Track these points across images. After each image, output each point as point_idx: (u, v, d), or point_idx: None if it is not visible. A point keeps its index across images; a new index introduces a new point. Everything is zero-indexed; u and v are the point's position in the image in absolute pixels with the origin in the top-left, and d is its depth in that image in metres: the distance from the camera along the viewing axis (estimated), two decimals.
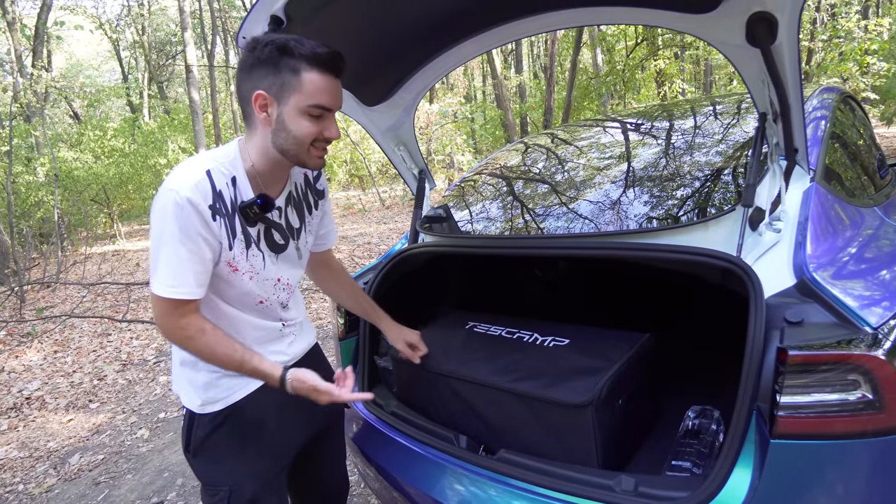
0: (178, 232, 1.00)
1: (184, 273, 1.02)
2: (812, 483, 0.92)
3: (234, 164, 1.09)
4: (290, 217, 1.23)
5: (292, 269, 1.25)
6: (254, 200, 1.09)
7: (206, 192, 1.02)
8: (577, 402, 1.21)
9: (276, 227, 1.19)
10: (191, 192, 1.00)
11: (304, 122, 1.04)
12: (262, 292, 1.17)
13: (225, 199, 1.06)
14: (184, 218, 1.00)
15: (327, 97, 1.04)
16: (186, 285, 1.03)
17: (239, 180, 1.09)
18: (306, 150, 1.07)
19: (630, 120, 2.37)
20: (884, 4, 16.91)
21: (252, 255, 1.13)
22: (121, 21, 21.44)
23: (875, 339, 0.92)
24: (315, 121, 1.05)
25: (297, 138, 1.05)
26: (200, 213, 1.01)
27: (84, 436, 3.23)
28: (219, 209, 1.04)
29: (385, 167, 17.23)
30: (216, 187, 1.04)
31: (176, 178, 1.02)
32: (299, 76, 1.01)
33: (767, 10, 1.08)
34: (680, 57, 16.95)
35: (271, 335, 1.23)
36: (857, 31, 11.56)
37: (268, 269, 1.16)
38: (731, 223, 1.26)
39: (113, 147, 14.02)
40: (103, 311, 5.93)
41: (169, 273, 1.01)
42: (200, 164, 1.05)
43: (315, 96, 1.03)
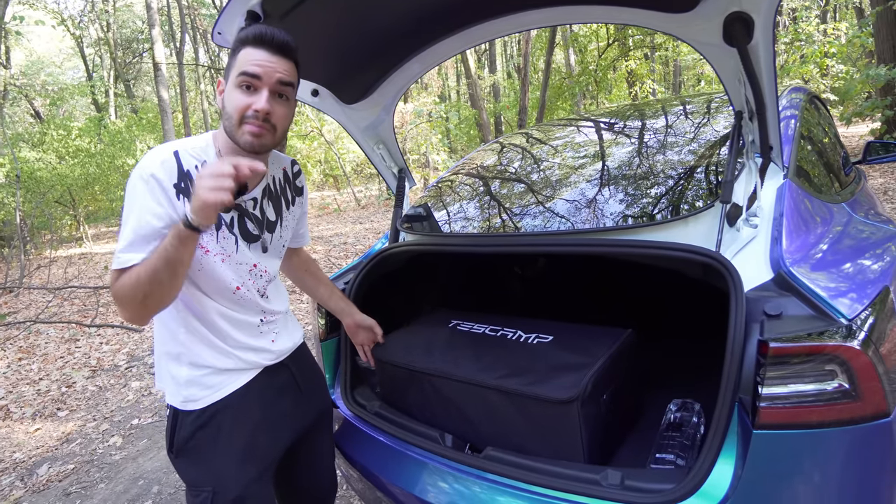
0: (143, 203, 1.01)
1: (140, 247, 1.00)
2: (793, 471, 0.94)
3: (207, 150, 1.12)
4: (266, 210, 1.23)
5: (267, 259, 1.24)
6: None
7: (171, 171, 1.04)
8: (563, 397, 1.22)
9: (249, 217, 1.18)
10: (156, 168, 1.03)
11: (235, 95, 1.06)
12: (236, 277, 1.15)
13: (192, 179, 1.06)
14: (147, 189, 1.01)
15: (252, 66, 1.04)
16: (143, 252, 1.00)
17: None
18: (237, 125, 1.06)
19: (607, 119, 2.40)
20: (840, 10, 17.56)
21: (223, 237, 1.12)
22: (84, 17, 20.76)
23: (850, 330, 0.95)
24: (246, 94, 1.05)
25: (228, 113, 1.07)
26: (164, 190, 1.03)
27: (53, 445, 3.12)
28: (184, 189, 1.05)
29: (360, 167, 17.12)
30: (183, 167, 1.06)
31: (145, 158, 1.05)
32: (238, 54, 1.07)
33: (744, 10, 1.11)
34: (650, 58, 17.29)
35: (250, 329, 1.21)
36: (816, 35, 11.99)
37: (241, 252, 1.16)
38: (710, 219, 1.29)
39: (78, 147, 13.59)
40: (71, 316, 5.74)
41: (127, 247, 1.01)
42: (170, 146, 1.08)
43: (243, 66, 1.04)
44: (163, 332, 1.16)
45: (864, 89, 9.45)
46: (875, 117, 9.03)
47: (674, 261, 1.26)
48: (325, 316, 1.79)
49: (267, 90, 1.06)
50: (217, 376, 1.15)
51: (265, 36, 1.05)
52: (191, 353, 1.14)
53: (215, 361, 1.15)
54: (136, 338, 4.92)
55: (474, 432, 1.43)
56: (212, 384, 1.15)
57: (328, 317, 1.78)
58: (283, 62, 1.07)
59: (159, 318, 1.15)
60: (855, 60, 12.34)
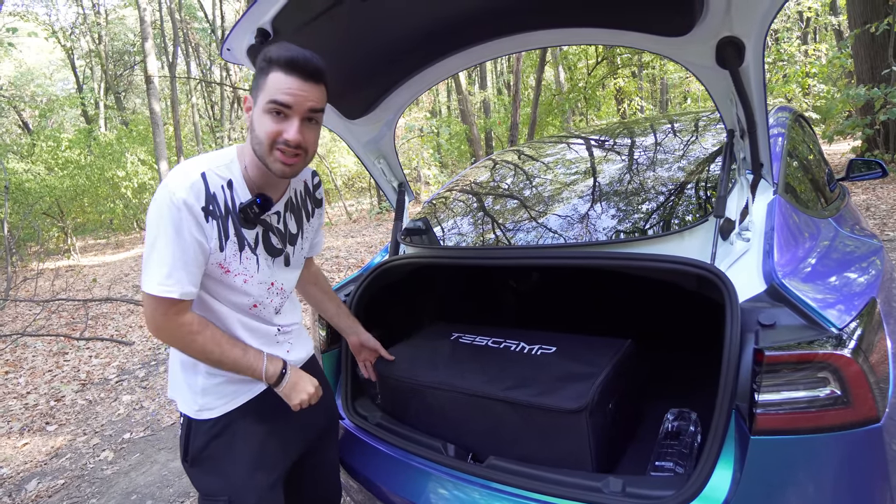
0: (173, 232, 1.02)
1: (177, 272, 1.03)
2: (789, 475, 0.98)
3: (231, 167, 1.12)
4: (289, 223, 1.25)
5: (287, 273, 1.26)
6: (253, 200, 1.11)
7: (199, 193, 1.04)
8: (572, 407, 1.24)
9: (274, 232, 1.20)
10: (185, 192, 1.02)
11: (266, 120, 1.06)
12: (256, 295, 1.18)
13: (218, 202, 1.07)
14: (178, 218, 1.02)
15: (283, 94, 1.04)
16: (179, 284, 1.03)
17: (235, 183, 1.11)
18: (268, 151, 1.07)
19: (602, 137, 2.46)
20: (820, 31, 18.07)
21: (245, 257, 1.14)
22: (76, 29, 20.74)
23: (840, 339, 0.99)
24: (276, 120, 1.05)
25: (258, 137, 1.07)
26: (193, 214, 1.03)
27: (42, 460, 3.07)
28: (212, 211, 1.06)
29: (351, 181, 17.14)
30: (210, 189, 1.06)
31: (173, 179, 1.04)
32: (267, 76, 1.05)
33: (735, 35, 1.17)
34: (638, 76, 17.63)
35: (267, 340, 1.23)
36: (798, 56, 12.33)
37: (262, 272, 1.17)
38: (704, 233, 1.33)
39: (67, 158, 13.49)
40: (59, 329, 5.67)
41: (162, 272, 1.02)
42: (196, 167, 1.07)
43: (272, 93, 1.04)
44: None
45: (845, 108, 9.72)
46: (856, 135, 9.27)
47: (671, 273, 1.30)
48: (326, 328, 1.80)
49: (298, 119, 1.06)
50: (232, 385, 1.17)
51: (297, 62, 1.03)
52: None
53: (230, 374, 1.16)
54: (126, 351, 4.87)
55: (481, 444, 1.43)
56: (227, 393, 1.16)
57: (329, 328, 1.80)
58: (315, 89, 1.06)
59: None
60: (835, 80, 12.69)
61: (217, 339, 1.10)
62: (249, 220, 1.12)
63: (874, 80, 7.99)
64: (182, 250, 1.02)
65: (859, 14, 8.26)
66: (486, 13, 1.44)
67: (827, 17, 14.88)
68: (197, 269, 1.06)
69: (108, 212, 13.71)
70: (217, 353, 1.09)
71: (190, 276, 1.04)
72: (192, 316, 1.08)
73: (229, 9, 20.30)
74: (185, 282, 1.03)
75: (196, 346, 1.08)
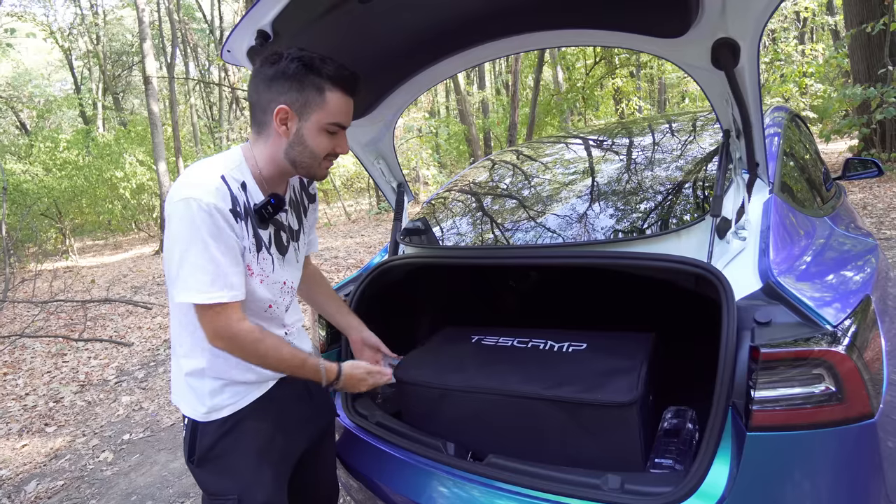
0: (209, 237, 1.01)
1: (225, 276, 1.03)
2: (786, 471, 0.99)
3: (242, 169, 1.12)
4: (291, 220, 1.27)
5: (295, 271, 1.28)
6: (268, 200, 1.12)
7: (226, 196, 1.05)
8: (624, 400, 1.23)
9: (283, 229, 1.22)
10: (213, 197, 1.02)
11: (323, 139, 1.10)
12: (271, 296, 1.19)
13: (240, 204, 1.08)
14: (212, 223, 1.01)
15: (346, 117, 1.11)
16: (230, 287, 1.04)
17: (248, 185, 1.12)
18: (319, 164, 1.13)
19: (600, 137, 2.48)
20: (817, 31, 18.13)
21: (262, 258, 1.15)
22: (73, 30, 20.71)
23: (835, 336, 1.00)
24: (331, 137, 1.11)
25: (313, 153, 1.10)
26: (226, 217, 1.03)
27: (41, 461, 3.07)
28: (238, 213, 1.07)
29: (350, 181, 17.14)
30: (232, 192, 1.07)
31: (192, 185, 1.02)
32: (324, 95, 1.06)
33: (731, 36, 1.18)
34: (636, 76, 17.66)
35: None
36: (795, 55, 12.37)
37: (276, 272, 1.19)
38: (701, 232, 1.35)
39: (65, 159, 13.48)
40: (57, 331, 5.67)
41: (207, 280, 1.02)
42: (214, 170, 1.07)
43: (336, 115, 1.09)
44: (184, 348, 1.17)
45: (842, 108, 9.75)
46: (853, 135, 9.30)
47: (668, 272, 1.32)
48: (326, 328, 1.81)
49: (344, 132, 1.13)
50: (239, 387, 1.17)
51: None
52: (214, 368, 1.15)
53: (238, 375, 1.16)
54: (125, 352, 4.87)
55: (520, 446, 1.39)
56: (236, 393, 1.17)
57: (329, 328, 1.81)
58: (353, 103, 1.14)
59: (179, 334, 1.16)
60: (832, 80, 12.73)
61: (277, 346, 1.13)
62: (265, 220, 1.13)
63: (870, 79, 8.02)
64: (222, 253, 1.03)
65: (855, 14, 8.30)
66: (484, 15, 1.45)
67: (823, 17, 14.94)
68: (241, 270, 1.08)
69: (107, 213, 13.69)
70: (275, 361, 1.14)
71: (238, 278, 1.06)
72: (248, 322, 1.09)
73: (228, 9, 20.31)
74: (235, 284, 1.05)
75: (261, 353, 1.11)
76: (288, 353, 1.15)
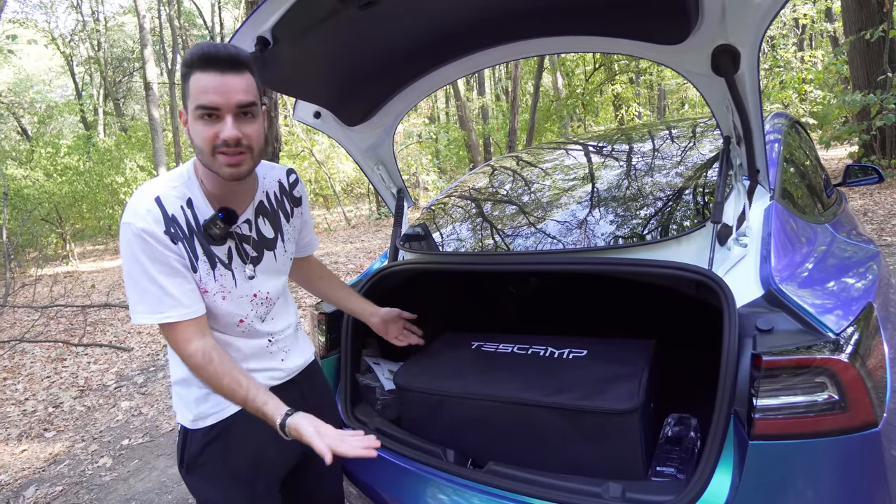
0: (147, 260, 1.01)
1: (170, 296, 1.03)
2: (788, 480, 0.98)
3: (189, 184, 1.09)
4: (263, 228, 1.21)
5: (272, 280, 1.23)
6: (215, 216, 1.08)
7: (158, 219, 1.03)
8: (625, 408, 1.22)
9: (246, 241, 1.17)
10: (143, 221, 1.01)
11: (199, 127, 1.00)
12: (239, 311, 1.16)
13: (180, 223, 1.06)
14: (147, 247, 1.01)
15: (208, 96, 0.97)
16: (179, 306, 1.03)
17: (195, 200, 1.08)
18: (211, 159, 1.02)
19: (601, 143, 2.48)
20: (816, 38, 18.22)
21: (219, 274, 1.11)
22: (75, 36, 20.81)
23: (837, 343, 1.00)
24: (209, 123, 0.99)
25: (198, 146, 1.02)
26: (158, 240, 1.02)
27: (40, 466, 3.06)
28: (174, 233, 1.04)
29: (350, 186, 17.17)
30: (167, 212, 1.04)
31: (129, 210, 1.03)
32: (188, 81, 1.00)
33: (730, 43, 1.18)
34: (635, 82, 17.71)
35: (260, 353, 1.22)
36: (794, 62, 12.42)
37: (240, 286, 1.15)
38: (702, 239, 1.34)
39: (66, 165, 13.51)
40: (57, 336, 5.65)
41: (154, 300, 1.02)
42: (150, 192, 1.05)
43: (197, 97, 0.98)
44: (172, 357, 1.17)
45: (842, 114, 9.77)
46: (853, 141, 9.32)
47: (669, 278, 1.31)
48: (325, 333, 1.80)
49: (230, 116, 0.99)
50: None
51: (211, 55, 0.96)
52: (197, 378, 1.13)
53: None
54: (125, 357, 4.86)
55: (519, 454, 1.38)
56: (220, 402, 1.15)
57: (328, 333, 1.80)
58: (238, 79, 0.98)
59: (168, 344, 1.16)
60: (831, 86, 12.77)
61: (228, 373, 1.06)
62: (216, 237, 1.09)
63: (870, 85, 8.04)
64: (166, 274, 1.02)
65: (854, 21, 8.33)
66: (484, 21, 1.45)
67: (822, 23, 15.00)
68: (189, 287, 1.06)
69: (107, 218, 13.71)
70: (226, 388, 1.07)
71: (186, 295, 1.05)
72: (205, 344, 1.06)
73: (228, 16, 20.39)
74: (184, 302, 1.04)
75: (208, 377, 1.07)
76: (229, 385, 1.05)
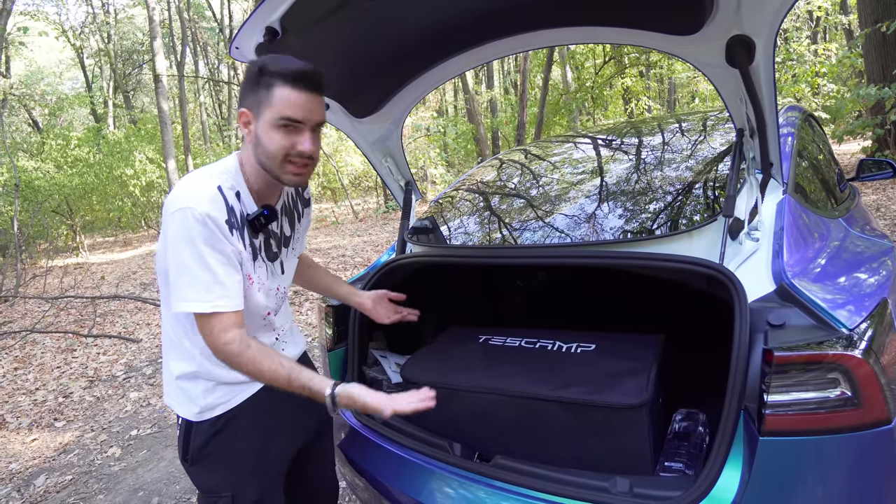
0: (205, 247, 1.02)
1: (221, 285, 1.04)
2: (798, 477, 0.97)
3: (237, 178, 1.12)
4: (284, 227, 1.27)
5: (286, 277, 1.29)
6: (261, 211, 1.12)
7: (221, 208, 1.05)
8: (633, 402, 1.22)
9: (273, 237, 1.22)
10: (209, 207, 1.03)
11: (276, 136, 1.06)
12: (268, 302, 1.20)
13: (236, 214, 1.08)
14: (207, 233, 1.02)
15: (295, 110, 1.05)
16: (227, 297, 1.05)
17: (243, 194, 1.12)
18: (279, 165, 1.08)
19: (610, 136, 2.46)
20: (830, 31, 17.95)
21: (258, 266, 1.16)
22: (85, 28, 20.89)
23: (850, 339, 0.98)
24: (286, 134, 1.06)
25: (269, 152, 1.07)
26: (220, 228, 1.04)
27: (50, 456, 3.10)
28: (233, 223, 1.07)
29: (358, 179, 17.18)
30: (228, 202, 1.07)
31: (188, 195, 1.03)
32: (271, 90, 1.04)
33: (746, 33, 1.16)
34: (645, 75, 17.54)
35: (269, 344, 1.24)
36: (807, 55, 12.25)
37: (269, 279, 1.20)
38: (713, 233, 1.33)
39: (76, 157, 13.60)
40: (67, 326, 5.71)
41: (203, 288, 1.02)
42: (210, 180, 1.07)
43: (282, 109, 1.04)
44: (176, 352, 1.17)
45: (855, 108, 9.63)
46: (866, 135, 9.18)
47: (680, 272, 1.30)
48: (332, 325, 1.80)
49: (308, 131, 1.07)
50: (230, 386, 1.17)
51: (304, 75, 1.04)
52: (207, 372, 1.15)
53: (228, 376, 1.16)
54: (133, 348, 4.90)
55: (527, 449, 1.37)
56: (227, 392, 1.17)
57: (336, 326, 1.80)
58: (319, 99, 1.08)
59: (170, 339, 1.17)
60: (845, 80, 12.59)
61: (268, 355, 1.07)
62: (256, 230, 1.13)
63: (885, 79, 7.91)
64: (219, 263, 1.03)
65: (870, 13, 8.18)
66: (493, 12, 1.44)
67: (837, 16, 14.76)
68: (239, 279, 1.08)
69: (117, 210, 13.80)
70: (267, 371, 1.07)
71: (235, 287, 1.06)
72: (242, 332, 1.07)
73: (237, 8, 20.38)
74: (232, 293, 1.05)
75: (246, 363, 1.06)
76: (270, 367, 1.07)
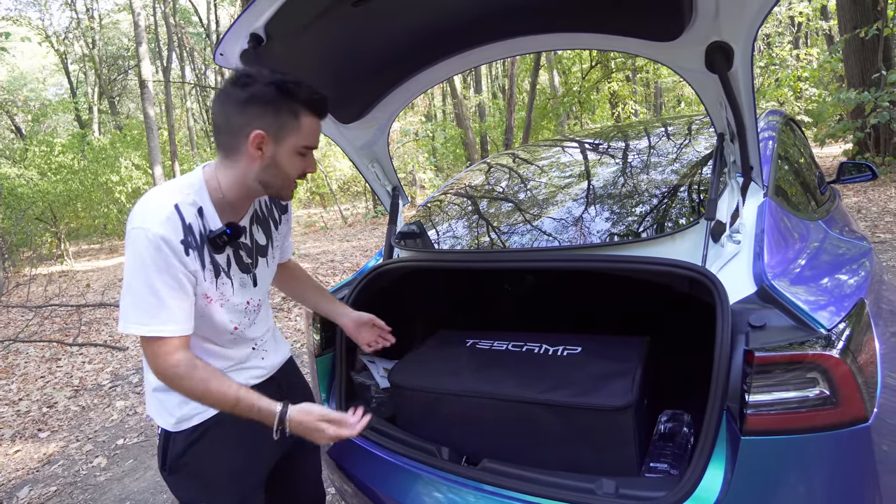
0: (155, 270, 0.99)
1: (167, 310, 1.01)
2: (780, 475, 0.99)
3: (201, 193, 1.09)
4: (257, 235, 1.24)
5: (262, 287, 1.26)
6: (222, 230, 1.09)
7: (176, 227, 1.02)
8: (619, 404, 1.22)
9: (244, 249, 1.19)
10: (162, 228, 1.00)
11: (296, 161, 1.10)
12: (234, 318, 1.17)
13: (195, 232, 1.05)
14: (160, 256, 0.99)
15: (316, 138, 1.12)
16: (173, 321, 1.02)
17: (206, 210, 1.09)
18: (288, 185, 1.13)
19: (595, 140, 2.48)
20: (811, 36, 18.28)
21: (221, 283, 1.13)
22: (69, 34, 20.69)
23: (829, 339, 1.00)
24: (303, 159, 1.12)
25: (287, 175, 1.11)
26: (174, 249, 1.01)
27: (34, 467, 3.05)
28: (190, 243, 1.04)
29: (346, 184, 17.15)
30: (185, 221, 1.04)
31: (144, 214, 1.01)
32: (299, 119, 1.07)
33: (724, 40, 1.18)
34: (632, 80, 17.73)
35: (244, 356, 1.24)
36: (790, 60, 12.47)
37: (237, 293, 1.17)
38: (695, 235, 1.35)
39: (61, 163, 13.44)
40: (51, 335, 5.63)
41: (146, 313, 1.00)
42: (168, 198, 1.04)
43: (310, 138, 1.10)
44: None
45: (836, 112, 9.82)
46: (847, 139, 9.35)
47: (662, 275, 1.31)
48: (319, 332, 1.80)
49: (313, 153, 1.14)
50: None
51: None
52: None
53: None
54: (120, 356, 4.84)
55: (515, 452, 1.38)
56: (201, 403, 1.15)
57: (323, 332, 1.80)
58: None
59: None
60: (826, 84, 12.81)
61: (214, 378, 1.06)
62: (218, 248, 1.10)
63: (864, 83, 8.07)
64: (169, 287, 1.00)
65: (849, 19, 8.36)
66: (479, 18, 1.45)
67: (818, 21, 15.05)
68: (187, 304, 1.05)
69: (102, 217, 13.64)
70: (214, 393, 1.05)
71: (182, 312, 1.03)
72: (188, 354, 1.05)
73: (224, 13, 20.32)
74: (178, 318, 1.02)
75: (192, 386, 1.04)
76: (217, 390, 1.05)
